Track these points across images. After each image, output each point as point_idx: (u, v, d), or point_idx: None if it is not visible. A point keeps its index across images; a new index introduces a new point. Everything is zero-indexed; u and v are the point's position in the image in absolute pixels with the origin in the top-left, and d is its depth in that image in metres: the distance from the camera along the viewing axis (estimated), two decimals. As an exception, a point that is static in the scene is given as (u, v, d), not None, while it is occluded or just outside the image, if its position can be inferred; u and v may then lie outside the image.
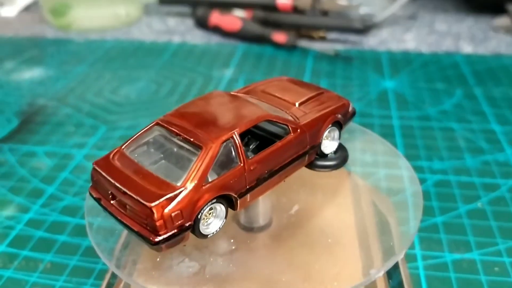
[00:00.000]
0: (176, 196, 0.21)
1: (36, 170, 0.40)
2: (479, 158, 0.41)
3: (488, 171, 0.39)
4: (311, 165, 0.27)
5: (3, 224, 0.35)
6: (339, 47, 0.64)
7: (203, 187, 0.21)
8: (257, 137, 0.26)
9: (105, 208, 0.23)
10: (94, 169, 0.23)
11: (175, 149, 0.23)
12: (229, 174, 0.22)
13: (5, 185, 0.39)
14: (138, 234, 0.21)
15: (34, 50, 0.66)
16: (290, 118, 0.25)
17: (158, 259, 0.24)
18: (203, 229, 0.22)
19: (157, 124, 0.24)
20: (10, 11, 0.80)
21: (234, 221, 0.26)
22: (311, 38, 0.66)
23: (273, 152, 0.23)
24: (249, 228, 0.26)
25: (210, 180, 0.22)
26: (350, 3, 0.70)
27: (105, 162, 0.23)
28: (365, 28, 0.68)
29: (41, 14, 0.76)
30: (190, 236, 0.22)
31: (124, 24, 0.74)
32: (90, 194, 0.24)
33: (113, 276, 0.29)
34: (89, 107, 0.51)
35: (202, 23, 0.71)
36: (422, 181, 0.38)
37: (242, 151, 0.23)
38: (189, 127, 0.23)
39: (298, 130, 0.24)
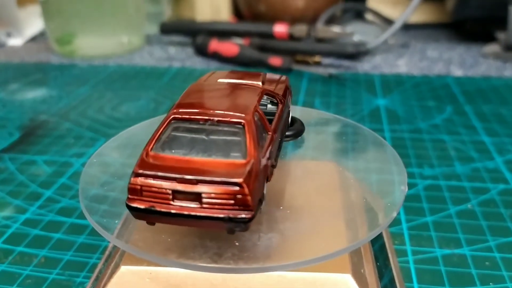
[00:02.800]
0: (251, 170, 0.20)
1: (34, 176, 0.41)
2: (469, 165, 0.42)
3: (478, 177, 0.40)
4: None
5: (0, 223, 0.35)
6: (333, 71, 0.66)
7: (261, 160, 0.22)
8: None
9: (161, 214, 0.21)
10: (139, 175, 0.21)
11: (208, 136, 0.22)
12: (267, 145, 0.23)
13: (4, 189, 0.40)
14: (224, 219, 0.20)
15: (38, 74, 0.68)
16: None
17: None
18: None
19: (174, 119, 0.23)
20: (17, 41, 0.83)
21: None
22: (306, 63, 0.68)
23: (278, 122, 0.25)
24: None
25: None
26: (344, 31, 0.73)
27: (147, 166, 0.21)
28: (358, 53, 0.70)
29: (47, 43, 0.79)
30: None
31: (126, 52, 0.76)
32: (133, 208, 0.21)
33: (103, 267, 0.30)
34: (90, 122, 0.52)
35: (202, 50, 0.73)
36: (412, 185, 0.39)
37: (267, 122, 0.23)
38: (210, 112, 0.23)
39: (282, 102, 0.26)
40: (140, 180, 0.21)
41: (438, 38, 0.82)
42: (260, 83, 0.28)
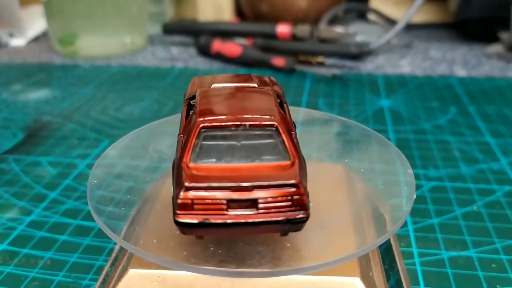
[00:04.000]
0: (300, 169, 0.21)
1: (39, 178, 0.41)
2: (474, 166, 0.42)
3: (483, 178, 0.40)
4: None
5: (5, 225, 0.35)
6: (336, 71, 0.66)
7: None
8: None
9: (215, 226, 0.20)
10: (190, 188, 0.20)
11: (243, 142, 0.22)
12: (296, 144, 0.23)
13: (8, 191, 0.40)
14: (281, 222, 0.20)
15: (41, 74, 0.68)
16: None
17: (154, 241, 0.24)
18: None
19: (203, 127, 0.22)
20: (19, 41, 0.83)
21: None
22: (309, 63, 0.68)
23: (291, 121, 0.25)
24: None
25: None
26: (347, 31, 0.73)
27: (196, 179, 0.20)
28: (361, 53, 0.70)
29: (49, 44, 0.79)
30: None
31: (129, 52, 0.76)
32: (184, 224, 0.20)
33: (110, 270, 0.30)
34: (93, 123, 0.52)
35: (205, 51, 0.73)
36: (418, 187, 0.39)
37: (289, 122, 0.24)
38: (238, 117, 0.22)
39: (286, 102, 0.26)
40: (191, 194, 0.20)
41: (441, 38, 0.82)
42: (255, 85, 0.28)
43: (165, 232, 0.24)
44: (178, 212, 0.20)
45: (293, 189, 0.20)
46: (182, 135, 0.24)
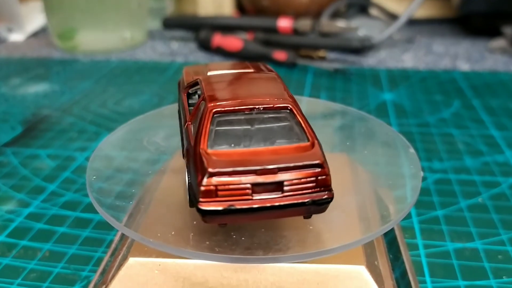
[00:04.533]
0: (321, 149, 0.21)
1: (38, 170, 0.41)
2: (478, 159, 0.41)
3: (488, 170, 0.39)
4: None
5: (3, 217, 0.35)
6: (338, 66, 0.65)
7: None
8: None
9: (241, 212, 0.20)
10: (213, 174, 0.19)
11: (258, 125, 0.21)
12: None
13: (7, 183, 0.39)
14: (307, 204, 0.20)
15: (40, 69, 0.67)
16: None
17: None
18: None
19: (216, 112, 0.22)
20: (18, 36, 0.82)
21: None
22: (311, 58, 0.67)
23: None
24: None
25: None
26: (349, 26, 0.73)
27: (219, 164, 0.20)
28: (364, 48, 0.69)
29: (48, 39, 0.78)
30: None
31: (129, 47, 0.76)
32: (209, 211, 0.20)
33: (109, 261, 0.29)
34: (93, 116, 0.51)
35: (205, 45, 0.73)
36: (422, 179, 0.38)
37: (298, 105, 0.24)
38: (250, 101, 0.22)
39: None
40: (215, 179, 0.19)
41: (444, 33, 0.81)
42: (252, 70, 0.27)
43: (165, 222, 0.23)
44: (201, 200, 0.19)
45: (318, 170, 0.20)
46: (190, 123, 0.23)
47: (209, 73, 0.28)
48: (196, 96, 0.28)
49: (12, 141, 0.46)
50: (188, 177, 0.22)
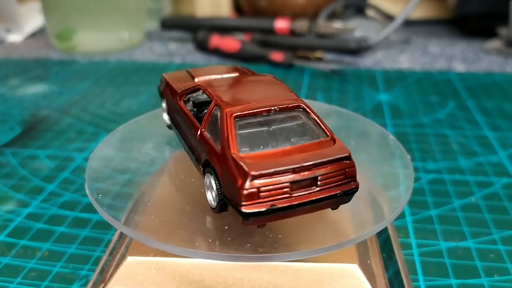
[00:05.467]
0: (342, 143, 0.22)
1: (37, 171, 0.41)
2: (472, 159, 0.42)
3: (481, 171, 0.40)
4: None
5: (3, 217, 0.35)
6: (335, 67, 0.66)
7: None
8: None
9: (282, 210, 0.20)
10: (256, 177, 0.20)
11: (276, 126, 0.22)
12: None
13: (6, 183, 0.39)
14: (338, 195, 0.21)
15: (38, 69, 0.68)
16: None
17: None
18: None
19: (236, 116, 0.22)
20: (17, 37, 0.83)
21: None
22: (307, 59, 0.68)
23: None
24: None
25: None
26: (346, 27, 0.73)
27: (259, 167, 0.20)
28: (360, 49, 0.70)
29: (47, 39, 0.78)
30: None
31: (127, 48, 0.76)
32: (252, 214, 0.20)
33: (108, 260, 0.30)
34: (91, 117, 0.52)
35: (203, 46, 0.73)
36: (416, 179, 0.39)
37: None
38: (265, 103, 0.23)
39: None
40: (257, 182, 0.20)
41: (440, 34, 0.81)
42: (239, 73, 0.29)
43: (164, 222, 0.24)
44: (244, 203, 0.20)
45: (347, 162, 0.21)
46: (203, 130, 0.24)
47: (206, 78, 0.29)
48: (191, 102, 0.28)
49: (11, 141, 0.47)
50: (215, 184, 0.22)
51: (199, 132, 0.24)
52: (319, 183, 0.21)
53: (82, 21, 0.73)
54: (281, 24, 0.73)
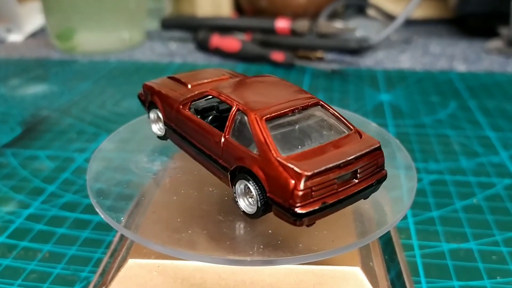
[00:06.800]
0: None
1: (37, 171, 0.41)
2: (474, 160, 0.42)
3: (483, 171, 0.40)
4: None
5: (3, 218, 0.35)
6: (335, 67, 0.66)
7: None
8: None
9: (331, 206, 0.21)
10: (310, 177, 0.20)
11: (300, 125, 0.23)
12: None
13: (7, 184, 0.39)
14: (373, 185, 0.22)
15: (39, 69, 0.68)
16: None
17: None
18: None
19: (266, 119, 0.23)
20: (17, 37, 0.83)
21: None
22: (308, 59, 0.68)
23: None
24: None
25: None
26: (346, 26, 0.73)
27: (309, 167, 0.21)
28: (361, 48, 0.70)
29: (47, 39, 0.78)
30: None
31: (127, 48, 0.76)
32: (307, 214, 0.20)
33: (109, 262, 0.29)
34: (92, 117, 0.52)
35: (203, 46, 0.73)
36: (418, 180, 0.39)
37: None
38: (287, 103, 0.23)
39: None
40: (310, 182, 0.20)
41: (441, 34, 0.81)
42: (230, 75, 0.30)
43: (165, 223, 0.24)
44: (299, 204, 0.20)
45: (379, 152, 0.22)
46: (228, 136, 0.24)
47: (199, 83, 0.29)
48: (192, 110, 0.27)
49: (12, 142, 0.46)
50: (256, 189, 0.22)
51: (222, 139, 0.24)
52: (358, 175, 0.22)
53: (82, 21, 0.73)
54: (281, 24, 0.73)
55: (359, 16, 0.88)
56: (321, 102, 0.24)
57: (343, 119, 0.24)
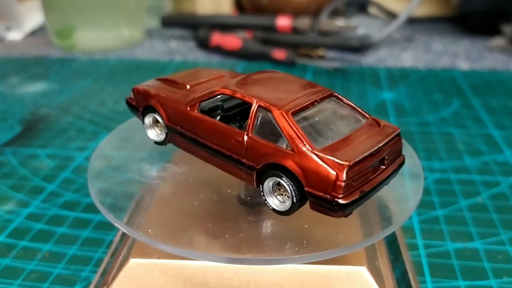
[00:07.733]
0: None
1: (37, 170, 0.41)
2: (478, 158, 0.41)
3: (487, 170, 0.40)
4: None
5: (3, 217, 0.35)
6: (337, 65, 0.65)
7: None
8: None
9: (368, 194, 0.21)
10: (351, 167, 0.20)
11: (321, 116, 0.23)
12: None
13: (6, 183, 0.39)
14: (397, 170, 0.23)
15: (38, 67, 0.67)
16: None
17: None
18: None
19: (292, 113, 0.23)
20: (16, 35, 0.82)
21: (235, 198, 0.26)
22: (310, 57, 0.67)
23: None
24: (252, 203, 0.26)
25: None
26: (348, 24, 0.72)
27: (347, 157, 0.21)
28: (363, 46, 0.69)
29: (46, 37, 0.78)
30: None
31: (127, 46, 0.76)
32: (350, 203, 0.20)
33: (110, 262, 0.29)
34: (91, 115, 0.51)
35: (204, 44, 0.72)
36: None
37: None
38: (305, 97, 0.24)
39: None
40: (352, 171, 0.20)
41: (443, 32, 0.81)
42: (225, 74, 0.30)
43: (167, 221, 0.23)
44: (342, 194, 0.20)
45: (399, 137, 0.23)
46: (251, 134, 0.23)
47: (197, 82, 0.28)
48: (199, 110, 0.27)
49: (11, 140, 0.46)
50: (290, 185, 0.21)
51: (246, 138, 0.23)
52: (385, 162, 0.22)
53: (82, 19, 0.72)
54: (283, 21, 0.72)
55: (360, 14, 0.88)
56: (335, 93, 0.24)
57: (358, 108, 0.24)
